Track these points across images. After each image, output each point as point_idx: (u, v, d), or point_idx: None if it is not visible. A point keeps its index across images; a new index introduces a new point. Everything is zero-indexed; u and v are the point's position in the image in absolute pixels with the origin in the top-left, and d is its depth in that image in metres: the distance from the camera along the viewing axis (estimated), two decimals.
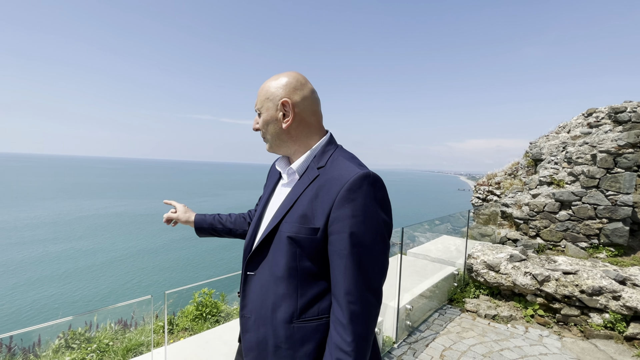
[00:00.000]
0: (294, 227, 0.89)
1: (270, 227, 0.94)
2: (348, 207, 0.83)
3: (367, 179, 0.85)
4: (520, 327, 3.39)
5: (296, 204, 0.92)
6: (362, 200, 0.83)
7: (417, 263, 4.47)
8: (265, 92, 0.99)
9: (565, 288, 3.33)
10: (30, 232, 27.52)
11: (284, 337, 0.89)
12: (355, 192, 0.84)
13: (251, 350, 0.95)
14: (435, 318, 3.57)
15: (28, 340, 2.98)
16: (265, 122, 1.00)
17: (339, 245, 0.83)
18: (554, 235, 5.58)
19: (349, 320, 0.81)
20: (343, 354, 0.80)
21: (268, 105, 0.98)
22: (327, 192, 0.87)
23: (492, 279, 3.88)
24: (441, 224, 6.46)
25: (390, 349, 2.92)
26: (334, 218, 0.84)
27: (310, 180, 0.93)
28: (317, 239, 0.87)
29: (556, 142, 6.81)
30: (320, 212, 0.87)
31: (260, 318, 0.93)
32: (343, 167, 0.90)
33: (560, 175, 5.85)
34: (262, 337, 0.92)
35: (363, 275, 0.82)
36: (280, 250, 0.90)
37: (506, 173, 8.77)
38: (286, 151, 1.04)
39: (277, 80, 0.98)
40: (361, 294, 0.82)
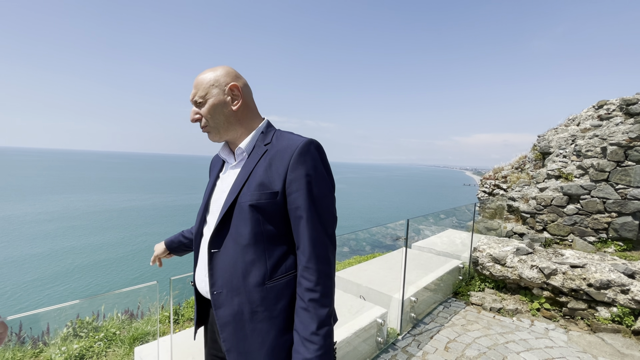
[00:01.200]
0: (255, 195, 0.97)
1: (230, 201, 0.99)
2: (301, 168, 0.96)
3: (312, 144, 0.99)
4: (525, 320, 3.37)
5: (251, 176, 1.00)
6: (311, 162, 0.97)
7: (422, 256, 4.45)
8: (208, 80, 1.03)
9: (572, 281, 3.29)
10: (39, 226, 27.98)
11: (259, 300, 0.96)
12: (305, 155, 0.97)
13: (227, 325, 0.98)
14: (440, 311, 3.55)
15: (37, 329, 3.04)
16: (213, 108, 1.03)
17: (299, 201, 0.95)
18: (561, 230, 5.51)
19: (314, 262, 0.94)
20: (311, 293, 0.92)
21: (214, 92, 1.02)
22: (280, 159, 0.98)
23: (497, 272, 3.84)
24: (446, 217, 6.42)
25: (394, 340, 2.92)
26: (290, 180, 0.96)
27: (260, 154, 1.03)
28: (278, 202, 0.97)
29: (565, 135, 6.69)
30: (276, 177, 0.97)
31: (232, 290, 0.98)
32: (290, 138, 1.02)
33: (569, 169, 5.75)
34: (237, 307, 0.97)
35: (321, 224, 0.96)
36: (243, 220, 0.97)
37: (513, 167, 8.66)
38: (233, 135, 1.08)
39: (217, 70, 1.05)
40: (321, 239, 0.96)
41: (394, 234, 5.45)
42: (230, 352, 0.98)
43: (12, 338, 2.84)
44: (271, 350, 0.97)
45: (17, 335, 2.87)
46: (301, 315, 0.92)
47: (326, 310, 0.93)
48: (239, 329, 0.97)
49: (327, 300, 0.94)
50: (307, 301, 0.92)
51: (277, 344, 0.98)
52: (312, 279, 0.93)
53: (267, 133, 1.09)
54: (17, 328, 2.93)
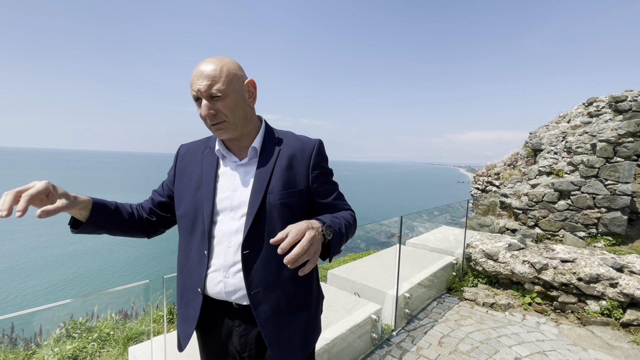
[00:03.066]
0: (284, 194, 1.03)
1: (258, 201, 1.01)
2: (320, 167, 1.11)
3: (322, 144, 1.14)
4: (517, 314, 3.43)
5: (273, 176, 1.04)
6: (325, 161, 1.14)
7: (416, 253, 4.49)
8: (227, 72, 0.95)
9: (563, 276, 3.35)
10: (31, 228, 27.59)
11: (294, 291, 1.05)
12: (321, 155, 1.12)
13: (269, 321, 1.01)
14: (434, 306, 3.60)
15: (30, 330, 3.00)
16: (235, 103, 0.97)
17: (328, 190, 1.13)
18: (552, 225, 5.60)
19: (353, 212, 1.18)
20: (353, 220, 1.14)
21: (235, 87, 0.97)
22: (300, 160, 1.08)
23: (490, 267, 3.90)
24: (440, 214, 6.47)
25: (389, 336, 2.95)
26: (313, 177, 1.09)
27: (274, 154, 1.07)
28: (304, 198, 1.08)
29: (556, 132, 6.78)
30: (300, 176, 1.07)
31: (268, 286, 1.01)
32: (300, 139, 1.12)
33: (560, 165, 5.84)
34: (275, 302, 1.02)
35: (343, 197, 1.19)
36: (274, 219, 1.01)
37: (505, 164, 8.76)
38: (245, 131, 1.06)
39: (230, 62, 0.98)
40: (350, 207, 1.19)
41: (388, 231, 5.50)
42: (273, 346, 1.01)
43: (3, 340, 2.80)
44: (306, 335, 1.08)
45: (8, 337, 2.84)
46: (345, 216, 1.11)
47: (353, 230, 1.13)
48: (279, 323, 1.02)
49: (355, 228, 1.16)
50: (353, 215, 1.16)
51: (309, 328, 1.10)
52: (354, 216, 1.16)
53: (270, 131, 1.13)
54: (8, 329, 2.89)
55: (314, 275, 1.17)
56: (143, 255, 21.22)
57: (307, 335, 1.09)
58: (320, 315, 1.21)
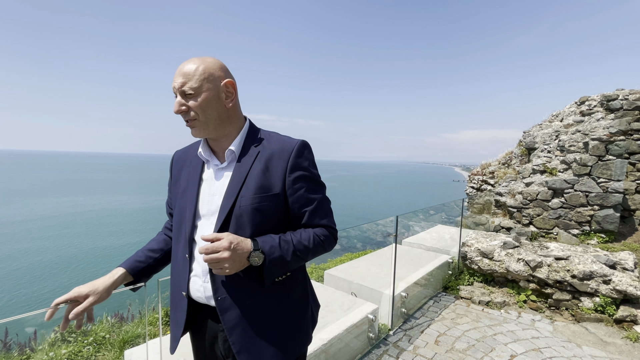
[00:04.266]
0: (256, 199, 0.98)
1: (228, 205, 0.98)
2: (299, 170, 1.03)
3: (305, 146, 1.06)
4: (513, 312, 3.46)
5: (247, 179, 1.00)
6: (308, 162, 1.05)
7: (412, 252, 4.52)
8: (202, 72, 0.95)
9: (557, 273, 3.39)
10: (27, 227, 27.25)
11: (265, 300, 1.01)
12: (301, 157, 1.04)
13: (235, 327, 0.98)
14: (430, 305, 3.62)
15: (24, 335, 2.97)
16: (206, 102, 0.97)
17: (302, 199, 1.03)
18: (546, 223, 5.66)
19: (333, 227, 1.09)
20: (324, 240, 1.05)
21: (209, 86, 0.96)
22: (277, 162, 1.02)
23: (486, 266, 3.93)
24: (436, 213, 6.51)
25: (385, 335, 2.96)
26: (290, 181, 1.02)
27: (252, 156, 1.03)
28: (278, 203, 1.02)
29: (549, 130, 6.85)
30: (275, 180, 1.01)
31: (235, 293, 0.98)
32: (281, 140, 1.06)
33: (553, 164, 5.91)
34: (244, 309, 0.99)
35: (324, 212, 1.07)
36: (244, 224, 0.98)
37: (500, 162, 8.84)
38: (221, 133, 1.04)
39: (210, 62, 0.98)
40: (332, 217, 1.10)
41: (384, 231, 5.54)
42: (241, 353, 0.98)
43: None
44: (283, 345, 1.03)
45: (2, 341, 2.81)
46: (306, 237, 1.02)
47: (314, 253, 1.04)
48: (247, 330, 0.98)
49: (324, 250, 1.08)
50: (318, 236, 1.04)
51: (284, 338, 1.04)
52: (326, 236, 1.07)
53: (253, 133, 1.09)
54: (2, 334, 2.86)
55: (297, 284, 1.11)
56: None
57: (283, 347, 1.03)
58: (308, 326, 1.14)
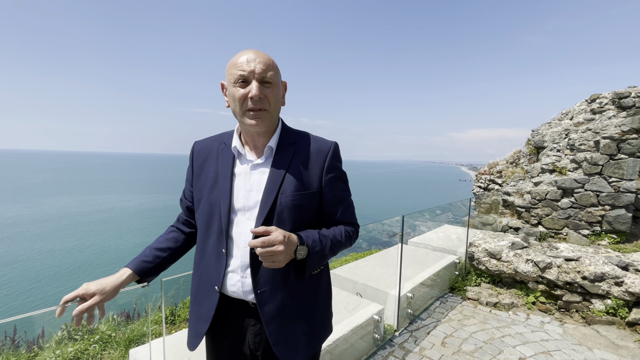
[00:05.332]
0: (296, 196, 1.03)
1: (270, 201, 1.01)
2: (334, 171, 1.11)
3: (338, 148, 1.14)
4: (521, 314, 3.40)
5: (287, 176, 1.04)
6: (340, 164, 1.14)
7: (418, 252, 4.47)
8: (276, 67, 1.01)
9: (567, 275, 3.32)
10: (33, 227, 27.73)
11: (301, 294, 1.06)
12: (336, 159, 1.12)
13: (273, 320, 1.02)
14: (437, 306, 3.57)
15: (32, 332, 3.00)
16: (277, 96, 1.02)
17: (336, 198, 1.11)
18: (555, 223, 5.56)
19: (357, 226, 1.19)
20: (351, 235, 1.14)
21: (279, 81, 1.03)
22: (315, 161, 1.08)
23: (493, 266, 3.87)
24: (442, 213, 6.44)
25: (391, 336, 2.93)
26: (327, 180, 1.09)
27: (289, 154, 1.07)
28: (315, 200, 1.07)
29: (559, 129, 6.73)
30: (313, 178, 1.07)
31: (275, 287, 1.02)
32: (316, 140, 1.13)
33: (563, 163, 5.80)
34: (281, 302, 1.02)
35: (352, 211, 1.18)
36: (285, 219, 1.01)
37: (508, 162, 8.71)
38: (269, 127, 1.06)
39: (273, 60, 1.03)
40: (356, 221, 1.19)
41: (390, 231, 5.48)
42: (277, 344, 1.02)
43: (6, 342, 2.80)
44: (311, 336, 1.08)
45: (11, 339, 2.84)
46: (338, 232, 1.09)
47: (344, 247, 1.12)
48: (284, 323, 1.03)
49: (350, 244, 1.15)
50: (348, 232, 1.13)
51: (316, 328, 1.10)
52: (353, 231, 1.16)
53: (287, 131, 1.13)
54: (11, 332, 2.89)
55: (323, 277, 1.16)
56: None
57: (312, 336, 1.09)
58: (330, 316, 1.21)
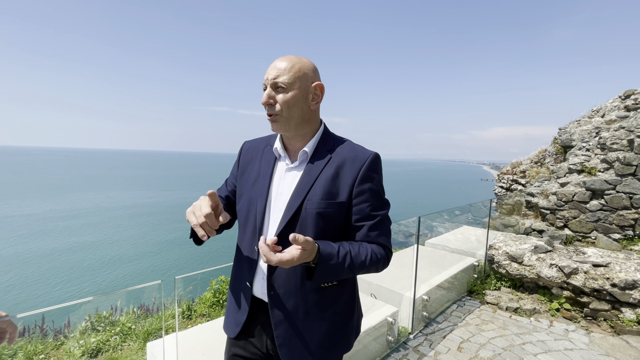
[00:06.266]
0: (322, 204, 0.98)
1: (295, 205, 0.99)
2: (369, 183, 1.02)
3: (378, 159, 1.05)
4: (544, 320, 3.25)
5: (317, 182, 1.00)
6: (378, 177, 1.04)
7: (436, 253, 4.37)
8: (298, 69, 0.97)
9: (594, 281, 3.15)
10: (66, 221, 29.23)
11: (314, 303, 1.02)
12: (374, 170, 1.03)
13: (281, 323, 1.02)
14: (454, 310, 3.48)
15: (59, 322, 3.16)
16: (294, 99, 0.98)
17: (365, 212, 1.01)
18: (583, 227, 5.28)
19: (389, 247, 1.06)
20: (380, 259, 1.02)
21: (301, 84, 0.98)
22: (348, 170, 1.01)
23: (514, 270, 3.72)
24: (461, 214, 6.26)
25: (405, 339, 2.88)
26: (358, 192, 1.00)
27: (324, 160, 1.03)
28: (342, 211, 1.01)
29: (589, 127, 6.39)
30: (344, 188, 1.00)
31: (289, 291, 1.01)
32: (355, 149, 1.05)
33: (592, 163, 5.50)
34: (292, 307, 1.01)
35: (384, 232, 1.04)
36: (307, 226, 0.98)
37: (532, 161, 8.36)
38: (299, 132, 1.05)
39: (305, 62, 1.00)
40: (388, 244, 1.05)
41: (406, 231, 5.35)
42: (282, 347, 1.02)
43: (35, 331, 2.97)
44: (324, 345, 1.04)
45: (40, 327, 3.00)
46: (365, 252, 0.98)
47: (368, 271, 1.02)
48: (292, 327, 1.02)
49: (376, 270, 1.04)
50: (376, 255, 1.01)
51: (325, 340, 1.05)
52: (383, 256, 1.03)
53: (327, 137, 1.10)
54: (40, 321, 3.06)
55: (345, 291, 1.10)
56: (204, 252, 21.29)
57: (324, 346, 1.05)
58: (353, 332, 1.14)
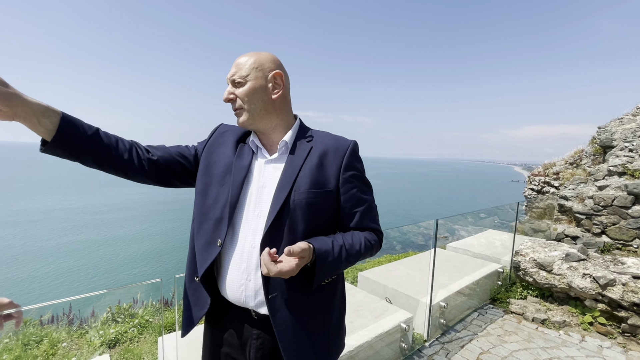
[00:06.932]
0: (311, 193, 0.96)
1: (282, 198, 0.95)
2: (353, 169, 1.04)
3: (357, 146, 1.08)
4: (575, 334, 3.01)
5: (301, 173, 0.98)
6: (359, 164, 1.07)
7: (457, 258, 4.18)
8: (253, 62, 0.98)
9: (634, 294, 2.87)
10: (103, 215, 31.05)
11: (315, 302, 0.99)
12: (356, 157, 1.06)
13: (287, 331, 0.93)
14: (474, 318, 3.30)
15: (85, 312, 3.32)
16: (252, 91, 0.97)
17: (354, 199, 1.03)
18: (624, 234, 4.86)
19: (380, 231, 1.10)
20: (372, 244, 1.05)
21: (257, 75, 0.98)
22: (332, 158, 1.02)
23: (542, 279, 3.48)
24: (487, 217, 5.98)
25: (420, 347, 2.77)
26: (344, 179, 1.02)
27: (305, 150, 1.02)
28: (331, 200, 1.01)
29: (632, 125, 5.87)
30: (330, 176, 1.00)
31: (287, 291, 0.94)
32: (335, 138, 1.07)
33: (636, 164, 5.04)
34: (295, 311, 0.95)
35: (373, 216, 1.08)
36: (297, 219, 0.95)
37: (567, 162, 7.83)
38: (267, 124, 1.03)
39: (262, 54, 1.01)
40: (378, 227, 1.09)
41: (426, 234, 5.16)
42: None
43: (63, 318, 3.14)
44: (324, 352, 1.01)
45: (67, 316, 3.17)
46: (357, 240, 1.00)
47: (363, 258, 1.04)
48: (298, 334, 0.94)
49: (371, 255, 1.07)
50: (369, 241, 1.04)
51: (329, 344, 1.03)
52: (376, 240, 1.07)
53: (304, 130, 1.10)
54: (67, 309, 3.23)
55: (339, 286, 1.09)
56: None
57: (324, 352, 1.01)
58: (344, 332, 1.13)
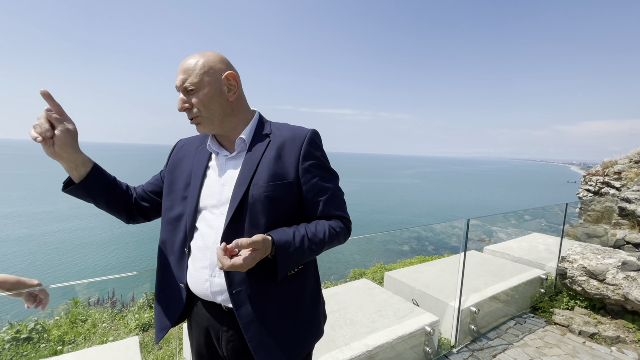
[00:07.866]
0: (269, 187, 0.95)
1: (240, 194, 0.95)
2: (312, 158, 1.02)
3: (317, 135, 1.05)
4: (630, 352, 2.66)
5: (259, 167, 0.97)
6: (319, 152, 1.04)
7: (494, 262, 3.90)
8: (202, 66, 0.93)
9: None
10: None
11: (281, 293, 0.98)
12: (315, 145, 1.03)
13: (252, 324, 0.94)
14: (510, 326, 3.05)
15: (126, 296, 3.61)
16: (207, 97, 0.94)
17: (316, 188, 1.01)
18: None
19: (347, 218, 1.07)
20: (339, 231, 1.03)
21: (210, 79, 0.94)
22: (289, 150, 1.00)
23: (593, 289, 3.12)
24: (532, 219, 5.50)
25: (447, 352, 2.62)
26: (303, 169, 1.00)
27: (264, 144, 1.01)
28: (292, 192, 0.99)
29: None
30: (289, 167, 0.99)
31: (251, 286, 0.94)
32: (293, 129, 1.05)
33: None
34: (259, 303, 0.95)
35: (339, 203, 1.05)
36: (258, 213, 0.95)
37: (632, 160, 6.97)
38: (227, 127, 1.02)
39: (209, 55, 0.96)
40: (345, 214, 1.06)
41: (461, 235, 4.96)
42: (258, 350, 0.94)
43: (106, 301, 3.43)
44: (296, 340, 1.00)
45: (110, 299, 3.46)
46: (321, 228, 0.98)
47: (330, 246, 1.02)
48: (264, 325, 0.95)
49: (339, 243, 1.05)
50: (334, 229, 1.01)
51: (299, 332, 1.01)
52: (342, 228, 1.04)
53: (264, 123, 1.08)
54: (111, 292, 3.53)
55: (309, 276, 1.08)
56: None
57: (298, 340, 1.01)
58: (320, 318, 1.13)
